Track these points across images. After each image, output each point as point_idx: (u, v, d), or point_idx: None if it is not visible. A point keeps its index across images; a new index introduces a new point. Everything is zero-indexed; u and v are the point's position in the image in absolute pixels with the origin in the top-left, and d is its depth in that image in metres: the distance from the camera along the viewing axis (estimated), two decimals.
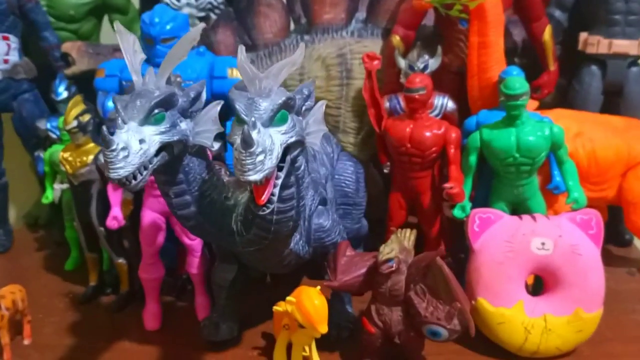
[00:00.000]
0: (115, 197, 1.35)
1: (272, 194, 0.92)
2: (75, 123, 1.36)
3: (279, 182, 0.93)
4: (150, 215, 1.32)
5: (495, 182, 1.38)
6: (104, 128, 0.87)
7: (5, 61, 1.61)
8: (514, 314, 1.20)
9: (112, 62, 1.57)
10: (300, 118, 0.98)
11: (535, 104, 1.49)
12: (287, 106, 0.93)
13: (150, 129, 0.93)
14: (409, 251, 1.16)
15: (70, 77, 1.64)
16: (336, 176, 1.41)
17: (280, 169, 0.93)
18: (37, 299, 1.48)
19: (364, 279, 1.16)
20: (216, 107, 1.00)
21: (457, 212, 1.33)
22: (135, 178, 0.91)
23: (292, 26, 1.69)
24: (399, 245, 1.14)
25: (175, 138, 0.96)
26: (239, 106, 0.91)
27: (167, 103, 0.96)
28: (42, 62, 1.72)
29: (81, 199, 1.40)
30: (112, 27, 1.84)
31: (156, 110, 0.94)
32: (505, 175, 1.34)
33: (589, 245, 1.21)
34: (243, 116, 0.90)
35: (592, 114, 1.56)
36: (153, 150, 0.93)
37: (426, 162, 1.38)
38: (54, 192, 1.59)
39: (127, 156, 0.89)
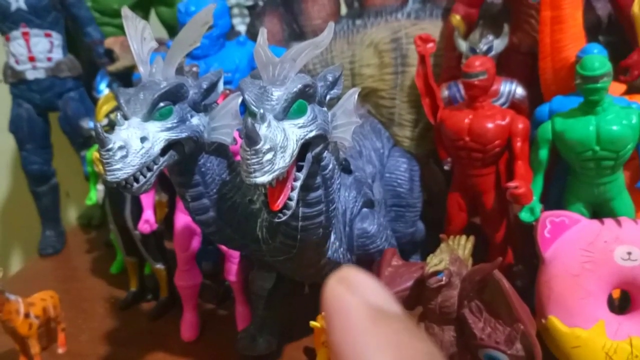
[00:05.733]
0: (147, 199, 1.27)
1: (290, 198, 0.79)
2: (106, 121, 1.29)
3: (298, 184, 0.80)
4: (183, 218, 1.23)
5: (571, 180, 1.17)
6: (99, 125, 0.78)
7: (49, 59, 1.56)
8: (592, 336, 1.00)
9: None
10: (325, 109, 0.84)
11: (623, 87, 1.27)
12: (305, 95, 0.79)
13: (155, 125, 0.83)
14: (463, 262, 1.00)
15: (113, 74, 1.58)
16: (387, 174, 1.27)
17: (299, 168, 0.80)
18: (79, 304, 1.45)
19: (411, 293, 1.01)
20: (236, 99, 0.88)
21: (524, 215, 1.13)
22: (137, 181, 0.81)
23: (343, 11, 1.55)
24: (449, 255, 0.97)
25: (184, 135, 0.86)
26: (249, 96, 0.78)
27: (174, 95, 0.85)
28: (89, 59, 1.67)
29: (116, 201, 1.32)
30: (159, 20, 1.78)
31: (162, 104, 0.84)
32: (583, 172, 1.13)
33: None
34: (253, 107, 0.77)
35: None
36: (157, 149, 0.82)
37: (488, 157, 1.19)
38: (97, 193, 1.53)
39: (125, 156, 0.79)
